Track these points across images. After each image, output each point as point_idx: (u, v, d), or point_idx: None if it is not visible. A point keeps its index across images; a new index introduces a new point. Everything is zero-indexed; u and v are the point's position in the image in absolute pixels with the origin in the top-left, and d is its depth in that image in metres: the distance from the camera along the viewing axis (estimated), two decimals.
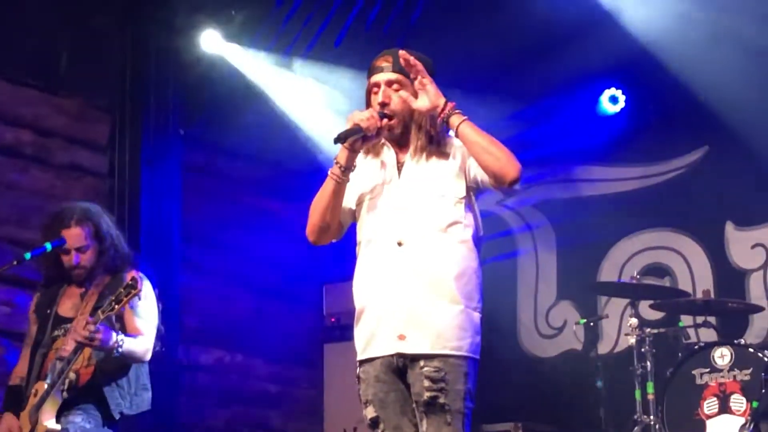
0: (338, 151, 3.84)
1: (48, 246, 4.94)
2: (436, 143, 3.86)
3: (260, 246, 7.85)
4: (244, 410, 7.63)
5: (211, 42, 7.30)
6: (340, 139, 3.78)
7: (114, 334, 4.72)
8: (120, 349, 4.74)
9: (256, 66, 7.56)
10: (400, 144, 3.91)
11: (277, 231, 7.92)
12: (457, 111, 3.78)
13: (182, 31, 7.21)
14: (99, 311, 4.67)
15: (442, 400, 3.67)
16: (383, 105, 3.83)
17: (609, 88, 7.96)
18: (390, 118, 3.83)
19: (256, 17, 7.41)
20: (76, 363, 4.74)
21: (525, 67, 7.81)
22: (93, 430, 4.80)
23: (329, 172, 3.84)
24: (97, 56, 6.96)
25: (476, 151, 3.75)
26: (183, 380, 7.15)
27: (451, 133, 3.86)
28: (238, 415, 7.58)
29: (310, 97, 7.65)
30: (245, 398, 7.67)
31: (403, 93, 3.84)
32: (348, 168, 3.83)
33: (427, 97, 3.78)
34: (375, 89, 3.88)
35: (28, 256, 4.98)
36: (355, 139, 3.80)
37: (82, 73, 6.88)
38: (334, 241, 4.00)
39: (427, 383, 3.67)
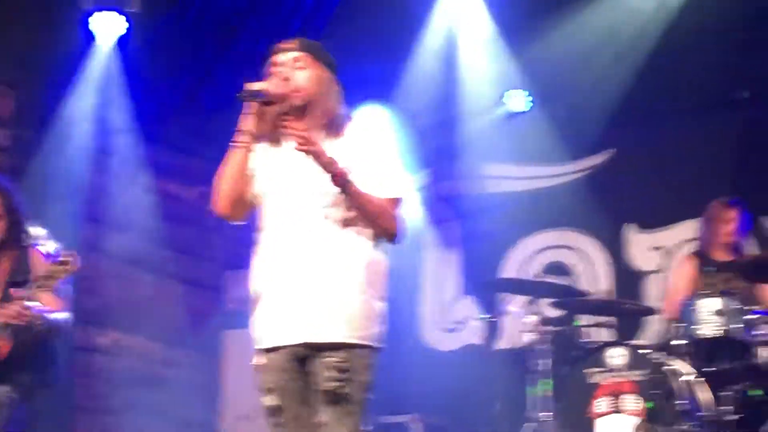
0: (242, 119, 3.78)
1: None
2: (335, 126, 3.82)
3: (162, 229, 7.78)
4: (140, 393, 7.55)
5: (108, 20, 7.19)
6: (243, 96, 3.74)
7: (41, 311, 4.72)
8: (47, 325, 4.77)
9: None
10: (300, 120, 3.83)
11: (180, 215, 7.86)
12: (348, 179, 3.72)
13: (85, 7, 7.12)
14: (35, 286, 4.65)
15: (345, 390, 3.66)
16: (286, 80, 3.79)
17: (516, 88, 7.99)
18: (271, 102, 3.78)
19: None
20: None
21: None
22: (19, 401, 4.82)
23: (234, 141, 3.79)
24: (2, 31, 6.83)
25: (363, 215, 3.76)
26: (79, 362, 7.06)
27: (358, 123, 3.87)
28: (134, 398, 7.50)
29: None
30: (142, 381, 7.60)
31: (307, 72, 3.81)
32: (253, 134, 3.78)
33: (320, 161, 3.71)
34: (274, 68, 3.83)
35: None
36: (259, 101, 3.75)
37: None
38: (241, 221, 3.93)
39: (332, 373, 3.65)
